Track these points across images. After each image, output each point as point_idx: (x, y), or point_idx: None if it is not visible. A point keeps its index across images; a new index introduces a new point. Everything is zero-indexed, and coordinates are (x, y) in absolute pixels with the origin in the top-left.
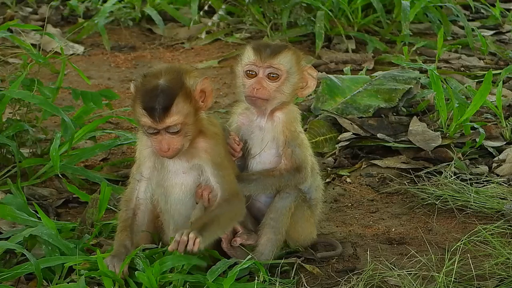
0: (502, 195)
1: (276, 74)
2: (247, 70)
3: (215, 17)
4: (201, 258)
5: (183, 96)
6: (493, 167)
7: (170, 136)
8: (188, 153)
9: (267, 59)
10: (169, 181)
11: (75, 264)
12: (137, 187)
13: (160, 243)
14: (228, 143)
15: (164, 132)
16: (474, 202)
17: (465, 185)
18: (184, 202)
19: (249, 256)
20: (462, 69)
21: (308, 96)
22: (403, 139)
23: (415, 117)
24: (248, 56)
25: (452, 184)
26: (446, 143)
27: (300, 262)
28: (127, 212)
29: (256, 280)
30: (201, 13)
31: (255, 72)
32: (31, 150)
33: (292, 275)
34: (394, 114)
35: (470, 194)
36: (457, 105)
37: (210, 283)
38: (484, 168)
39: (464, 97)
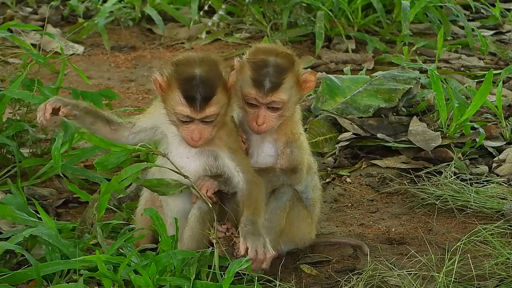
0: (502, 195)
1: (278, 106)
2: (247, 102)
3: (215, 17)
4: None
5: (222, 87)
6: (493, 167)
7: (203, 126)
8: None
9: (269, 94)
10: (169, 165)
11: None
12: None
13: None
14: None
15: (198, 122)
16: (474, 202)
17: (465, 185)
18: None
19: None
20: (462, 69)
21: (308, 96)
22: (403, 139)
23: (415, 117)
24: (248, 87)
25: (452, 184)
26: (446, 143)
27: (299, 262)
28: None
29: (255, 281)
30: (201, 13)
31: (255, 103)
32: (31, 150)
33: (292, 275)
34: (394, 114)
35: (470, 194)
36: (457, 105)
37: (209, 283)
38: (484, 168)
39: (464, 97)
